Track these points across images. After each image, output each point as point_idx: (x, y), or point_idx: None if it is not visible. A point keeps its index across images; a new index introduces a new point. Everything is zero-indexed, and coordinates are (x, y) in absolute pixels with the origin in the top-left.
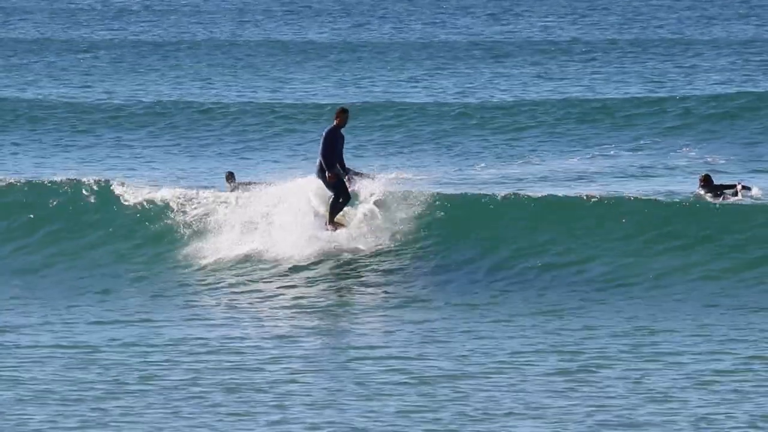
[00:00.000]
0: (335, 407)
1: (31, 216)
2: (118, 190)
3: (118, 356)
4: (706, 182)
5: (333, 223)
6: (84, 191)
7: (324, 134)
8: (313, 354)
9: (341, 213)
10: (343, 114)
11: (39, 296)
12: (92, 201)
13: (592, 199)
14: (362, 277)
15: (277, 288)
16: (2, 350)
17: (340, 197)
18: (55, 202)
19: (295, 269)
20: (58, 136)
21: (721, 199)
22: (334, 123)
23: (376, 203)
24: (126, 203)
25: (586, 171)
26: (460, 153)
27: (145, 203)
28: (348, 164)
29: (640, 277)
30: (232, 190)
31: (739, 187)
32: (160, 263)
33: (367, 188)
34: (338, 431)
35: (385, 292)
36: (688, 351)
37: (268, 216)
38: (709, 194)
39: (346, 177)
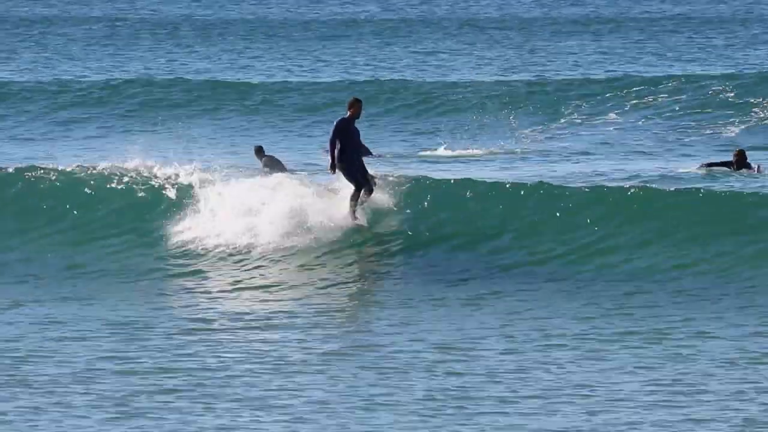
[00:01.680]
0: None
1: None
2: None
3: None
4: (741, 157)
5: (353, 213)
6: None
7: (334, 124)
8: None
9: (355, 204)
10: (356, 104)
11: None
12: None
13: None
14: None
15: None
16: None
17: (359, 189)
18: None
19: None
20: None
21: (754, 170)
22: (348, 114)
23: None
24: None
25: (620, 149)
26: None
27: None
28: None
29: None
30: (264, 165)
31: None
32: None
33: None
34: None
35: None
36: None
37: (265, 205)
38: (742, 170)
39: (376, 155)
